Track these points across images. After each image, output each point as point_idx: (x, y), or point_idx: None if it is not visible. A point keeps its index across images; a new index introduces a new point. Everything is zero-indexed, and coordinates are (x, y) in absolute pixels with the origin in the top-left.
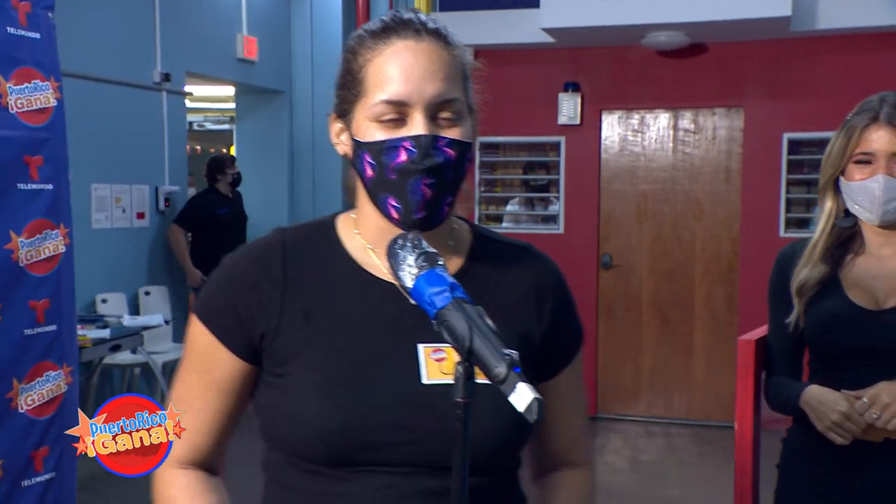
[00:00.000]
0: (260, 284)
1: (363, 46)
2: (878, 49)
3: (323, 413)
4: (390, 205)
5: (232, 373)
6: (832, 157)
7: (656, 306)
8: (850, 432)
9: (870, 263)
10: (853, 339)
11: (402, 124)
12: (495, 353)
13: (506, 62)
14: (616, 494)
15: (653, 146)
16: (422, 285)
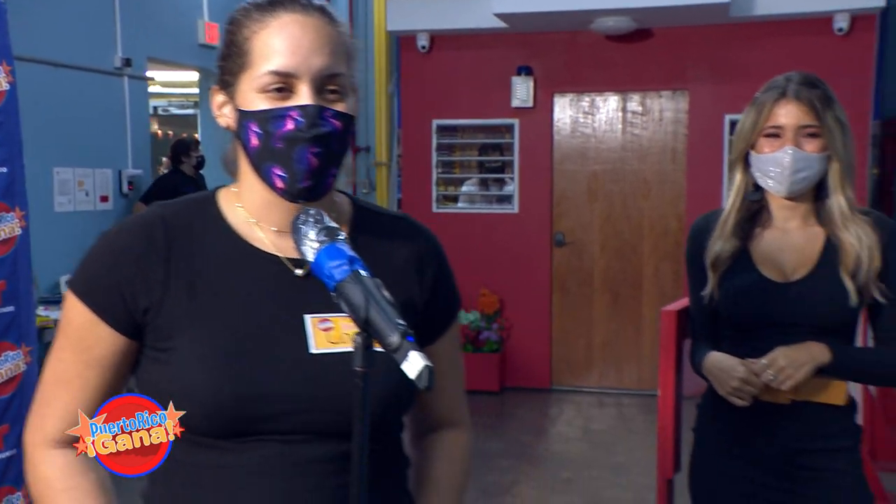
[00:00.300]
0: (142, 259)
1: (248, 18)
2: (811, 33)
3: (211, 386)
4: (275, 174)
5: (113, 349)
6: (743, 133)
7: (607, 282)
8: (749, 395)
9: (776, 237)
10: (763, 312)
11: (289, 95)
12: (390, 324)
13: (460, 47)
14: (567, 462)
15: (603, 128)
16: (322, 259)
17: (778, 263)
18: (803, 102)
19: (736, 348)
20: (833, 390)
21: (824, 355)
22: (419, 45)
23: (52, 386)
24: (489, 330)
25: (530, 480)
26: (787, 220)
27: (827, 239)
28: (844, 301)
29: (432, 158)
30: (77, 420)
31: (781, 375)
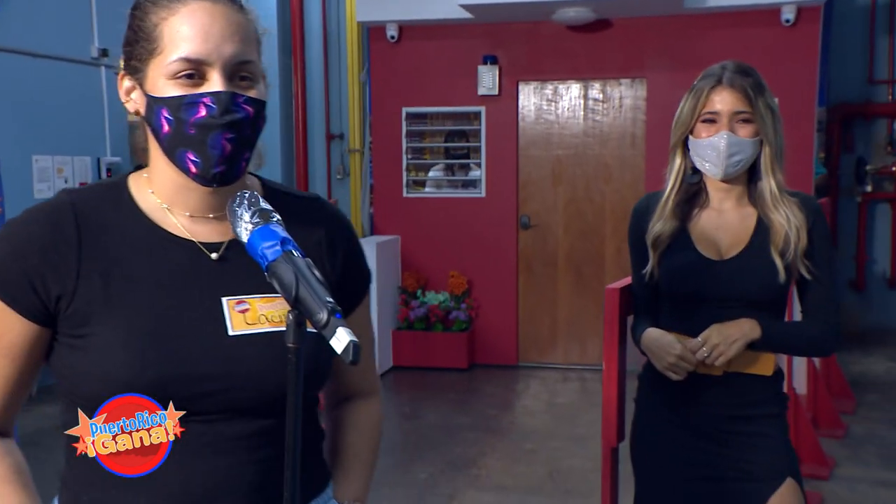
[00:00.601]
0: (53, 248)
1: (156, 5)
2: (760, 25)
3: (133, 370)
4: (189, 159)
5: (24, 337)
6: (682, 119)
7: (571, 262)
8: (684, 370)
9: (713, 217)
10: (700, 288)
11: (200, 82)
12: (319, 301)
13: (428, 37)
14: (531, 434)
15: (566, 115)
16: (255, 240)
17: (714, 242)
18: (737, 90)
19: (674, 322)
20: (761, 362)
21: (755, 331)
22: (388, 36)
23: None
24: (458, 310)
25: (496, 452)
26: (722, 201)
27: (758, 219)
28: (774, 278)
29: (402, 145)
30: None
31: (715, 352)
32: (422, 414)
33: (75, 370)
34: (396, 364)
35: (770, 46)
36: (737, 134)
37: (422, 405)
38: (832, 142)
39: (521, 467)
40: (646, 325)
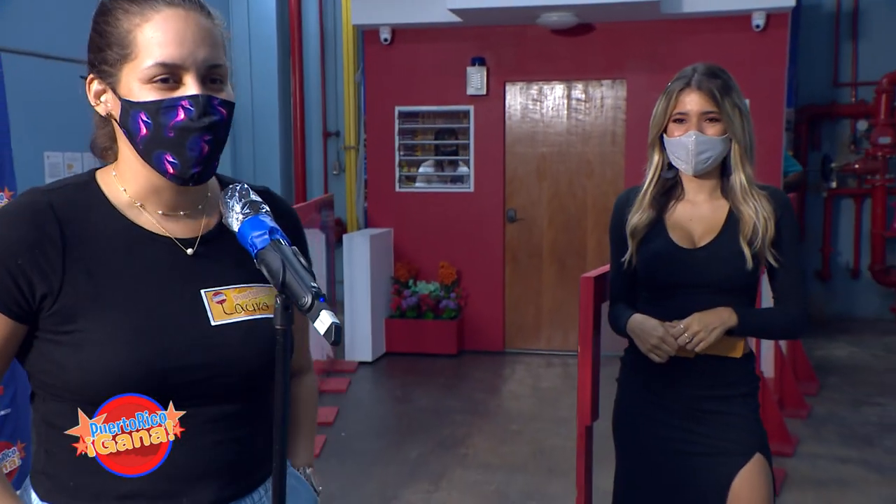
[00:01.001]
0: (39, 249)
1: (127, 12)
2: (732, 30)
3: (127, 364)
4: (167, 161)
5: (4, 334)
6: (656, 118)
7: (555, 254)
8: (666, 353)
9: (687, 208)
10: (673, 274)
11: (176, 86)
12: (303, 286)
13: (419, 40)
14: (516, 416)
15: (550, 114)
16: (245, 229)
17: (687, 232)
18: (704, 92)
19: (652, 307)
20: (732, 346)
21: (732, 319)
22: (382, 38)
23: None
24: (448, 299)
25: (482, 433)
26: (696, 193)
27: (730, 210)
28: (742, 264)
29: (395, 142)
30: None
31: (696, 339)
32: (413, 398)
33: (63, 365)
34: (389, 350)
35: (741, 50)
36: (705, 133)
37: (413, 389)
38: (800, 141)
39: (506, 447)
40: (624, 310)
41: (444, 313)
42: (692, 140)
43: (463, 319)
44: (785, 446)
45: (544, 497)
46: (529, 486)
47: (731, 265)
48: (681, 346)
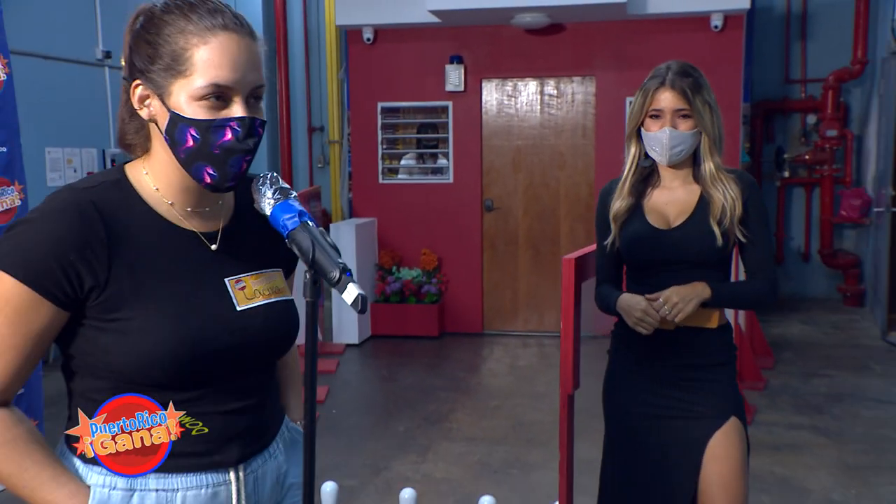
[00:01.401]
0: (87, 246)
1: (184, 32)
2: (693, 30)
3: (166, 349)
4: (207, 172)
5: (52, 322)
6: (634, 113)
7: (529, 241)
8: (650, 325)
9: (663, 194)
10: (651, 253)
11: (223, 106)
12: (331, 262)
13: (401, 39)
14: (496, 392)
15: (524, 109)
16: (277, 212)
17: (663, 215)
18: (677, 90)
19: (635, 284)
20: (708, 317)
21: (706, 291)
22: (365, 38)
23: None
24: (429, 284)
25: (465, 408)
26: (671, 180)
27: (701, 194)
28: (713, 242)
29: (378, 136)
30: (9, 383)
31: (675, 310)
32: (399, 377)
33: (108, 349)
34: (374, 333)
35: (701, 49)
36: (678, 128)
37: (398, 369)
38: (755, 134)
39: (487, 421)
40: (612, 291)
41: (426, 298)
42: (666, 135)
43: (444, 303)
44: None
45: (524, 465)
46: (510, 455)
47: (702, 243)
48: (662, 318)
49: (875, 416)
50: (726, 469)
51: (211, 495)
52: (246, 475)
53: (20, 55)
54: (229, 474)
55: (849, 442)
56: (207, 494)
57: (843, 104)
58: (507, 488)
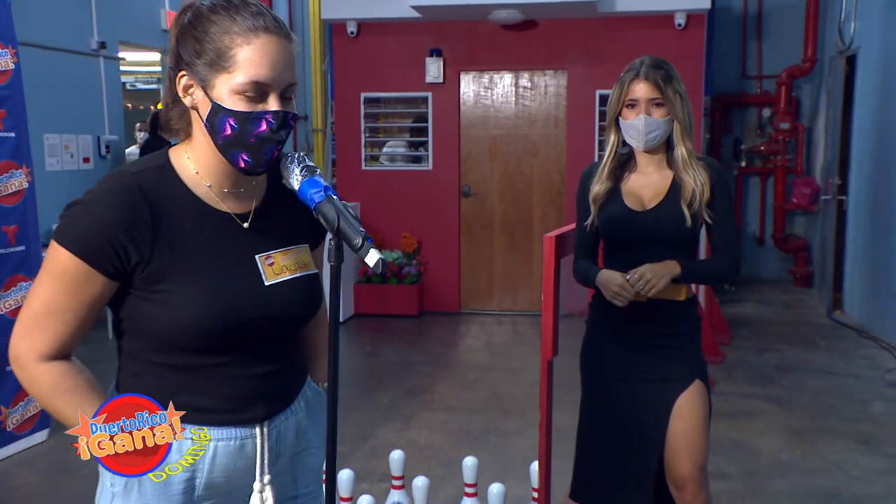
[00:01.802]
0: (134, 226)
1: (229, 32)
2: (658, 27)
3: (201, 320)
4: (242, 158)
5: (103, 291)
6: (612, 103)
7: (504, 225)
8: (625, 298)
9: (639, 178)
10: (627, 232)
11: (260, 100)
12: (354, 231)
13: (383, 33)
14: (473, 367)
15: (500, 100)
16: (305, 187)
17: (639, 197)
18: (650, 81)
19: (613, 260)
20: (677, 291)
21: (676, 269)
22: (348, 31)
23: (44, 317)
24: (409, 265)
25: (445, 381)
26: (646, 165)
27: (673, 179)
28: (682, 223)
29: (361, 125)
30: (68, 341)
31: (648, 286)
32: (381, 353)
33: (152, 317)
34: (357, 312)
35: (666, 45)
36: (652, 116)
37: (381, 346)
38: (715, 125)
39: (466, 393)
40: (591, 267)
41: (407, 278)
42: (641, 122)
43: (423, 284)
44: None
45: (501, 433)
46: (488, 424)
47: (674, 224)
48: (636, 292)
49: (820, 386)
50: (690, 426)
51: (238, 446)
52: (270, 430)
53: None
54: (255, 429)
55: (796, 409)
56: (235, 445)
57: (794, 99)
58: (487, 453)
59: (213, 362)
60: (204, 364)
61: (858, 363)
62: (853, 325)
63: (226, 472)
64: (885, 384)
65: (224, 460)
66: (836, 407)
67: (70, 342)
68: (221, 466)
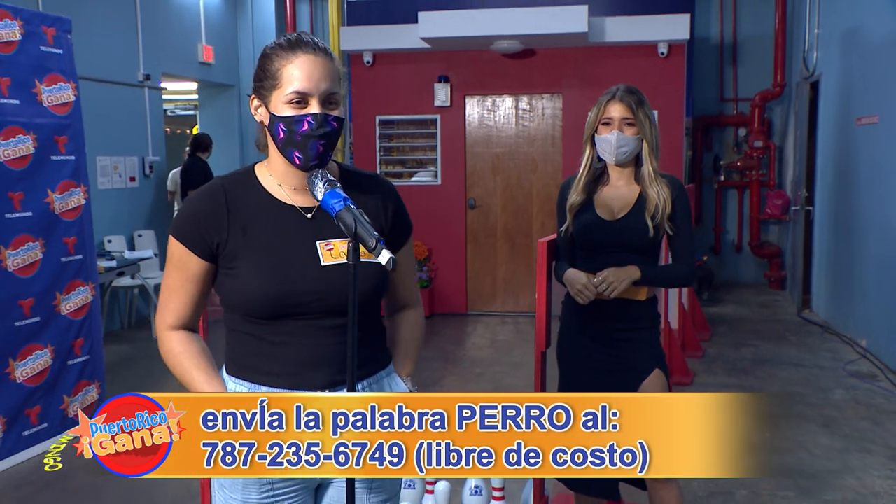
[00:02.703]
0: (213, 214)
1: (277, 56)
2: (643, 56)
3: (265, 289)
4: (295, 156)
5: (201, 269)
6: (589, 122)
7: (507, 234)
8: (587, 297)
9: (611, 191)
10: (598, 238)
11: (305, 106)
12: (370, 235)
13: (396, 62)
14: (479, 362)
15: (501, 121)
16: (327, 198)
17: (609, 208)
18: (625, 103)
19: (585, 261)
20: (637, 291)
21: (636, 273)
22: (365, 60)
23: (167, 293)
24: (421, 271)
25: (453, 376)
26: (617, 179)
27: (640, 192)
28: (646, 233)
29: (376, 144)
30: (185, 314)
31: (610, 287)
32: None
33: (230, 290)
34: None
35: (650, 72)
36: (624, 133)
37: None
38: (696, 143)
39: (472, 385)
40: (563, 265)
41: (418, 283)
42: (614, 137)
43: (433, 288)
44: (685, 378)
45: None
46: None
47: (637, 233)
48: (599, 293)
49: (788, 376)
50: None
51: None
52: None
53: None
54: (317, 394)
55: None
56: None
57: (767, 120)
58: None
59: (282, 330)
60: (275, 332)
61: (823, 356)
62: (820, 323)
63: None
64: (846, 374)
65: None
66: (802, 395)
67: (188, 315)
68: None
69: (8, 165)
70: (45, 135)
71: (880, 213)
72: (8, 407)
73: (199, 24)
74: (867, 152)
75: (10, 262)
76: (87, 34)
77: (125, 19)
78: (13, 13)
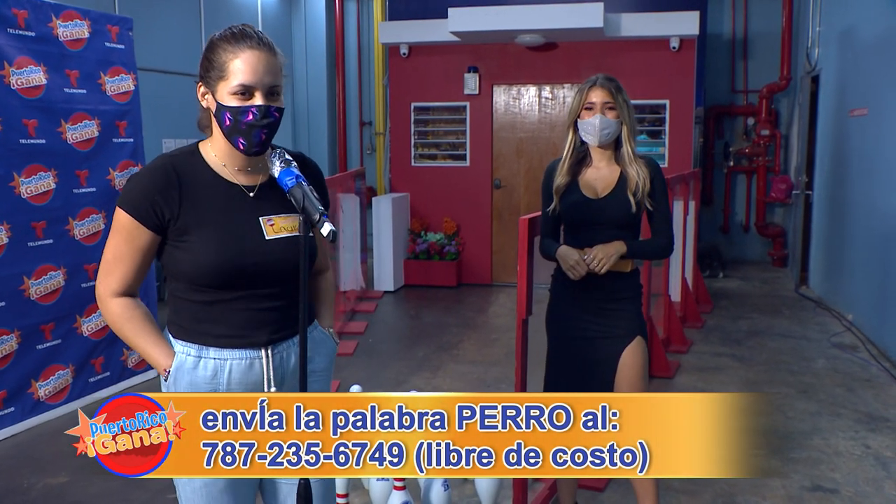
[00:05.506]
0: (165, 190)
1: (226, 50)
2: (656, 49)
3: (216, 261)
4: (240, 142)
5: (148, 240)
6: (573, 108)
7: (529, 212)
8: (579, 272)
9: (593, 172)
10: (583, 216)
11: (249, 98)
12: (315, 209)
13: (430, 53)
14: (496, 329)
15: (526, 108)
16: (282, 175)
17: (593, 187)
18: (605, 89)
19: (572, 238)
20: (624, 265)
21: (622, 247)
22: (402, 52)
23: (112, 262)
24: (450, 245)
25: (471, 340)
26: (599, 161)
27: (621, 173)
28: (628, 209)
29: (411, 129)
30: (129, 281)
31: (601, 263)
32: (422, 316)
33: (180, 260)
34: (406, 283)
35: (663, 64)
36: (606, 117)
37: (423, 311)
38: (708, 132)
39: (487, 349)
40: (553, 243)
41: (447, 256)
42: (597, 120)
43: (461, 260)
44: (681, 347)
45: (510, 381)
46: (501, 374)
47: (620, 210)
48: (590, 268)
49: (777, 347)
50: (633, 373)
51: (248, 365)
52: (273, 354)
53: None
54: (261, 351)
55: (755, 365)
56: (246, 364)
57: (773, 110)
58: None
59: (227, 297)
60: (220, 299)
61: (812, 328)
62: (814, 298)
63: (240, 385)
64: (830, 346)
65: (238, 376)
66: (787, 363)
67: (132, 282)
68: (236, 381)
69: (76, 147)
70: (108, 120)
71: (868, 199)
72: (76, 357)
73: (256, 18)
74: (858, 142)
75: (77, 231)
76: (152, 30)
77: (191, 17)
78: (83, 14)
